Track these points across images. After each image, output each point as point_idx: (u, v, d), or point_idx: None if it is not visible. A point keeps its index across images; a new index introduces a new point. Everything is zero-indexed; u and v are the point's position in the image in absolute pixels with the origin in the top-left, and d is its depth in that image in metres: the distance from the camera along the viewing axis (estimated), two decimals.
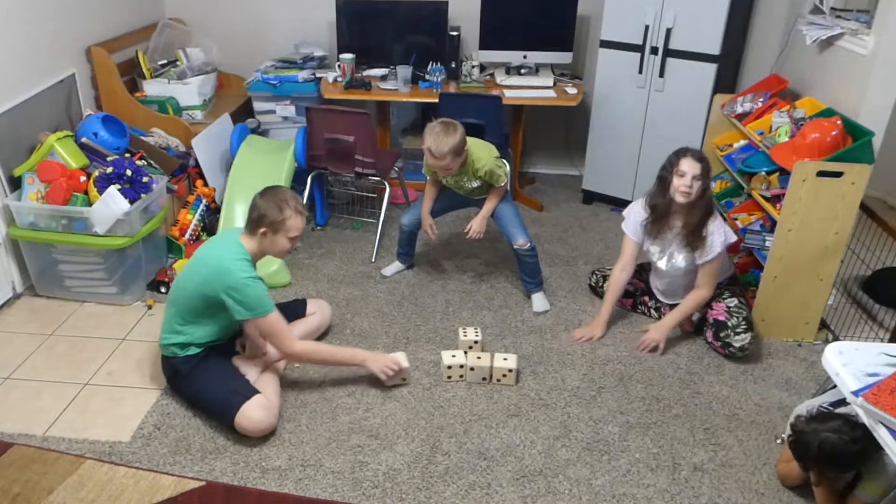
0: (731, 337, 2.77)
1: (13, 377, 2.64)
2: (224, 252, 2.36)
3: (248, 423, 2.31)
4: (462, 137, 2.85)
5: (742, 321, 2.78)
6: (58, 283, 3.12)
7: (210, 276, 2.32)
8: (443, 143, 2.79)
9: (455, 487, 2.20)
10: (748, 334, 2.75)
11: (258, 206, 2.38)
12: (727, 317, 2.80)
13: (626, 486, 2.23)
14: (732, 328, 2.77)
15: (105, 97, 3.66)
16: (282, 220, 2.36)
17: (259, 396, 2.36)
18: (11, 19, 3.05)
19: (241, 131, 3.79)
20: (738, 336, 2.76)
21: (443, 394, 2.62)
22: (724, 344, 2.79)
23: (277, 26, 4.36)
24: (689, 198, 2.67)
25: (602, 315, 2.98)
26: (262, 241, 2.40)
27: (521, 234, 3.07)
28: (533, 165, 4.79)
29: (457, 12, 4.11)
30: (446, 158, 2.82)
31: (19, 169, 3.00)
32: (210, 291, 2.32)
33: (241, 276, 2.30)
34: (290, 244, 2.44)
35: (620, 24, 3.75)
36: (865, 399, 1.64)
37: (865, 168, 2.62)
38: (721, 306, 2.84)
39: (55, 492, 2.12)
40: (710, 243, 2.71)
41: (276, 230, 2.37)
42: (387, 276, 3.38)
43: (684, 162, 2.66)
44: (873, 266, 3.18)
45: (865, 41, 2.85)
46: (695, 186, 2.64)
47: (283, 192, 2.42)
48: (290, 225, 2.38)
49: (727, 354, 2.82)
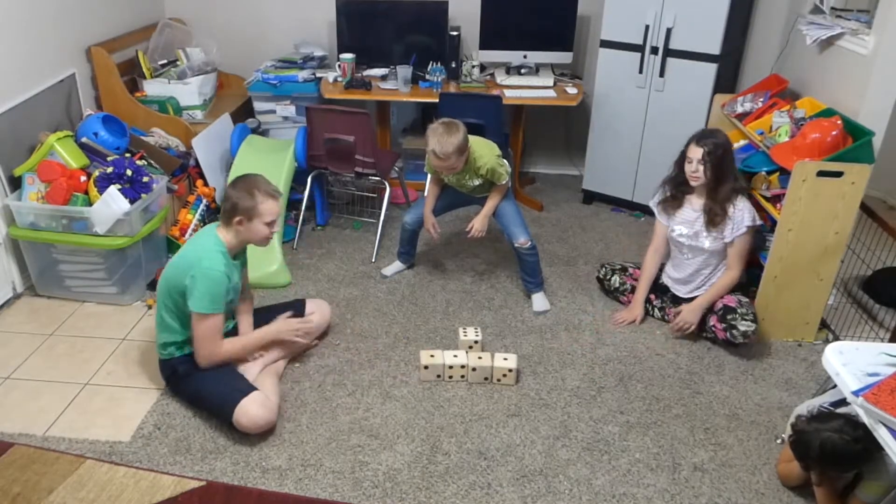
0: (737, 320, 2.77)
1: (13, 377, 2.64)
2: (202, 243, 2.38)
3: (246, 420, 2.31)
4: (465, 136, 2.85)
5: (751, 312, 2.79)
6: (58, 283, 3.12)
7: (184, 267, 2.33)
8: (446, 142, 2.80)
9: (455, 487, 2.20)
10: (754, 324, 2.76)
11: (229, 197, 2.38)
12: (737, 304, 2.81)
13: (627, 485, 2.23)
14: (741, 314, 2.77)
15: (105, 97, 3.66)
16: (254, 206, 2.35)
17: (257, 393, 2.36)
18: (11, 19, 3.05)
19: (241, 131, 3.79)
20: (744, 321, 2.76)
21: (443, 394, 2.62)
22: (727, 326, 2.79)
23: (277, 26, 4.36)
24: (698, 181, 2.78)
25: (638, 298, 3.08)
26: (238, 231, 2.39)
27: (522, 233, 3.07)
28: (533, 165, 4.79)
29: (457, 12, 4.11)
30: (451, 158, 2.83)
31: (19, 169, 3.00)
32: (180, 282, 2.33)
33: (205, 265, 2.30)
34: (269, 230, 2.41)
35: (621, 24, 3.75)
36: (866, 399, 1.64)
37: (865, 168, 2.62)
38: (733, 298, 2.86)
39: (55, 492, 2.12)
40: (741, 218, 2.76)
41: (250, 217, 2.36)
42: (387, 275, 3.38)
43: (690, 148, 2.79)
44: (873, 266, 3.18)
45: (865, 41, 2.85)
46: (700, 170, 2.74)
47: (252, 178, 2.41)
48: (262, 210, 2.36)
49: (727, 339, 2.80)
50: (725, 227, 2.79)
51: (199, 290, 2.30)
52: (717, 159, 2.73)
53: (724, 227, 2.79)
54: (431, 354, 2.70)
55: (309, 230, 3.84)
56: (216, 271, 2.32)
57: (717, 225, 2.79)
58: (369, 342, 2.90)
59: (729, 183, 2.77)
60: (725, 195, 2.77)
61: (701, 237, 2.86)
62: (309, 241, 3.73)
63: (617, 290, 3.21)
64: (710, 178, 2.76)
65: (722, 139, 2.77)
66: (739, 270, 2.85)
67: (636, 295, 3.09)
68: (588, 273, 3.45)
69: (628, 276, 3.18)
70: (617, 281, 3.20)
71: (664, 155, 3.59)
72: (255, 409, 2.32)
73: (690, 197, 2.89)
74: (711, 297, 2.88)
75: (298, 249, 3.64)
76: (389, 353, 2.84)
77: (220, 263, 2.34)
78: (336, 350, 2.85)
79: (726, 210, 2.77)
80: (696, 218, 2.86)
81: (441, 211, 3.29)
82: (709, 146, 2.72)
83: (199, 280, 2.29)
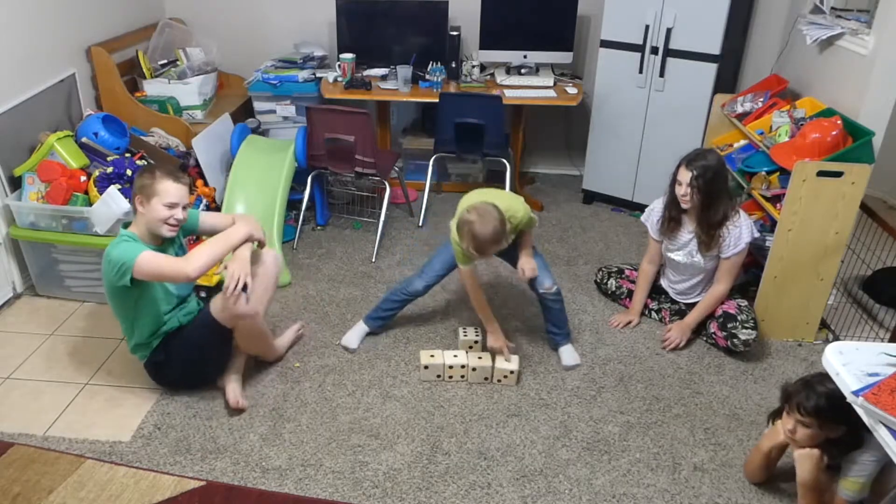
0: (738, 329, 2.76)
1: (13, 377, 2.64)
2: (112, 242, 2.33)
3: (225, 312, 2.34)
4: (501, 217, 2.43)
5: (751, 318, 2.78)
6: (58, 282, 3.13)
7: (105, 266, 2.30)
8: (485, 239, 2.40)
9: (455, 487, 2.20)
10: (755, 332, 2.76)
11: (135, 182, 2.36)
12: (737, 311, 2.80)
13: (627, 485, 2.23)
14: (741, 322, 2.77)
15: (105, 97, 3.66)
16: (151, 184, 2.29)
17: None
18: (12, 19, 3.05)
19: (241, 131, 3.79)
20: (745, 329, 2.75)
21: (443, 394, 2.62)
22: (728, 335, 2.79)
23: (277, 26, 4.36)
24: (688, 205, 2.72)
25: (636, 304, 3.06)
26: (140, 215, 2.34)
27: (547, 277, 2.74)
28: (533, 165, 4.79)
29: (457, 12, 4.11)
30: (493, 247, 2.45)
31: (19, 169, 3.00)
32: (106, 283, 2.32)
33: (107, 249, 2.27)
34: (167, 212, 2.30)
35: (621, 24, 3.75)
36: (866, 399, 1.63)
37: (865, 168, 2.62)
38: (732, 303, 2.84)
39: (55, 492, 2.12)
40: (738, 235, 2.73)
41: (148, 196, 2.30)
42: (351, 348, 2.85)
43: (680, 171, 2.72)
44: (873, 266, 3.18)
45: (865, 41, 2.85)
46: (690, 193, 2.68)
47: (160, 164, 2.38)
48: (160, 188, 2.28)
49: (728, 347, 2.81)
50: (722, 245, 2.75)
51: (116, 260, 2.24)
52: (707, 183, 2.65)
53: (721, 245, 2.75)
54: (431, 354, 2.70)
55: (309, 230, 3.84)
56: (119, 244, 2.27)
57: (711, 249, 2.76)
58: (369, 342, 2.90)
59: (721, 206, 2.70)
60: (716, 219, 2.71)
61: (696, 257, 2.84)
62: (309, 241, 3.73)
63: (614, 293, 3.21)
64: (699, 203, 2.70)
65: (713, 161, 2.67)
66: (729, 284, 2.83)
67: (633, 305, 3.07)
68: (588, 273, 3.45)
69: (625, 279, 3.18)
70: (613, 285, 3.20)
71: (664, 155, 3.59)
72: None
73: (685, 217, 2.84)
74: (700, 314, 2.87)
75: (298, 249, 3.64)
76: (389, 353, 2.84)
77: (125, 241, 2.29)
78: (336, 350, 2.85)
79: (716, 236, 2.73)
80: (690, 240, 2.83)
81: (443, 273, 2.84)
82: (698, 170, 2.64)
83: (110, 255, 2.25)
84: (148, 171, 2.36)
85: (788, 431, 2.02)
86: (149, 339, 2.43)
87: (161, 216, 2.31)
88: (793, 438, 2.02)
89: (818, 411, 1.94)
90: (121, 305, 2.39)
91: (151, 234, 2.36)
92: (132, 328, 2.42)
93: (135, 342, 2.45)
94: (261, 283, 2.51)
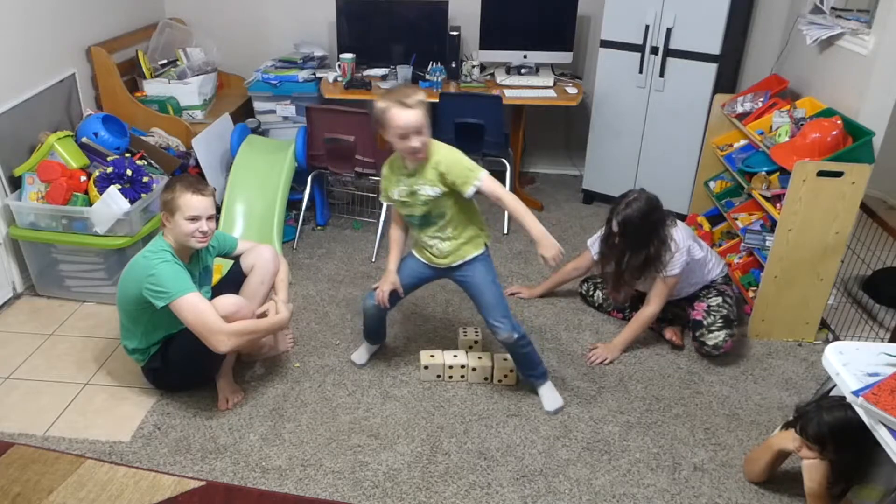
0: (704, 335, 2.75)
1: (13, 377, 2.64)
2: (150, 247, 2.33)
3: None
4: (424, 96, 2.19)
5: (718, 319, 2.75)
6: (58, 283, 3.13)
7: (138, 275, 2.28)
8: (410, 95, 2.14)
9: (455, 487, 2.20)
10: (722, 332, 2.73)
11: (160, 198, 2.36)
12: (704, 316, 2.78)
13: (627, 486, 2.23)
14: (707, 326, 2.75)
15: (105, 97, 3.66)
16: (171, 199, 2.28)
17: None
18: (12, 19, 3.05)
19: (241, 131, 3.79)
20: (711, 334, 2.74)
21: (443, 394, 2.62)
22: (699, 343, 2.78)
23: (277, 26, 4.36)
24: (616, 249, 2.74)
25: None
26: (169, 230, 2.33)
27: (504, 325, 2.39)
28: (533, 165, 4.79)
29: (457, 12, 4.11)
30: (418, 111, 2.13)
31: (19, 169, 3.00)
32: (135, 289, 2.28)
33: (151, 261, 2.26)
34: (191, 226, 2.28)
35: (621, 24, 3.75)
36: (866, 399, 1.63)
37: (865, 168, 2.62)
38: (702, 306, 2.81)
39: (55, 492, 2.12)
40: (671, 266, 2.69)
41: (171, 212, 2.30)
42: (360, 363, 2.76)
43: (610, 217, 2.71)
44: (873, 266, 3.17)
45: (865, 41, 2.85)
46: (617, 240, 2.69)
47: (182, 176, 2.37)
48: (181, 203, 2.26)
49: (704, 354, 2.80)
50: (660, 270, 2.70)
51: (160, 282, 2.22)
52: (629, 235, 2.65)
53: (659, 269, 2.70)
54: (431, 354, 2.70)
55: (309, 230, 3.84)
56: (167, 262, 2.26)
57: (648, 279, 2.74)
58: None
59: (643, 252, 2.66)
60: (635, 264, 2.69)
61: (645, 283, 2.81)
62: (309, 241, 3.73)
63: (601, 306, 3.15)
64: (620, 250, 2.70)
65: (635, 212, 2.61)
66: (658, 307, 2.78)
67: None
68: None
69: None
70: (600, 297, 3.14)
71: (664, 155, 3.59)
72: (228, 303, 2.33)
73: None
74: (628, 336, 2.83)
75: (298, 249, 3.64)
76: (389, 353, 2.84)
77: (165, 256, 2.29)
78: (336, 350, 2.85)
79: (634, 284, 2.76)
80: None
81: (410, 287, 2.56)
82: (619, 222, 2.64)
83: (157, 275, 2.23)
84: (169, 185, 2.34)
85: (796, 448, 2.03)
86: (147, 346, 2.43)
87: (186, 231, 2.29)
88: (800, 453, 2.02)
89: (820, 440, 1.92)
90: (134, 312, 2.36)
91: (182, 247, 2.35)
92: (137, 335, 2.41)
93: (134, 346, 2.44)
94: (257, 275, 2.55)
